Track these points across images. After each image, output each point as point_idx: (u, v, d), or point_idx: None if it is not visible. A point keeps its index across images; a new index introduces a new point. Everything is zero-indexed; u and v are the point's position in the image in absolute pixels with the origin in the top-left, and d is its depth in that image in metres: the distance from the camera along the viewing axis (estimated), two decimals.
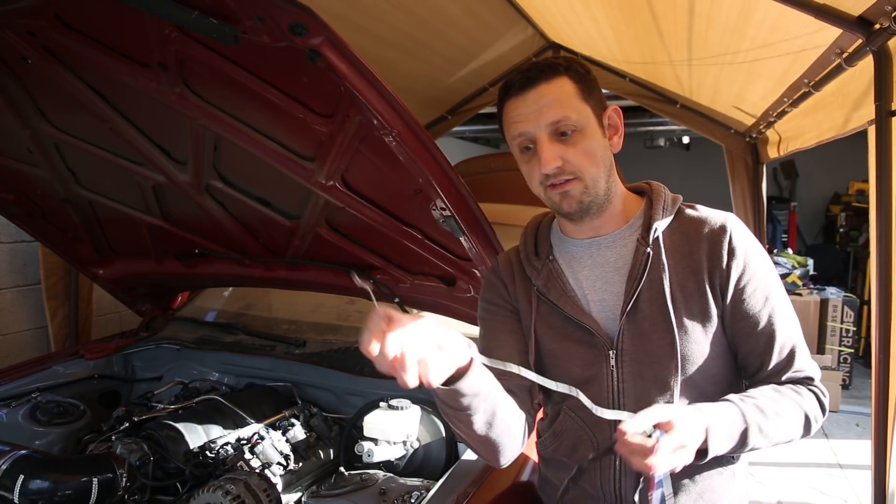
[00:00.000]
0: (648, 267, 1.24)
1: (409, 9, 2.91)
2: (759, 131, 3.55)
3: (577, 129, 1.20)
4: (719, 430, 1.11)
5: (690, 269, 1.24)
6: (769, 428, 1.16)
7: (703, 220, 1.27)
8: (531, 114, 1.20)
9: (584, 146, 1.20)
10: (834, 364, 5.37)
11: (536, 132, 1.20)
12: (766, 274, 1.25)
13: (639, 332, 1.24)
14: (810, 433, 1.25)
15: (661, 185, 1.35)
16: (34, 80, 1.73)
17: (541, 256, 1.36)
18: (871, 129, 1.72)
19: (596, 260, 1.31)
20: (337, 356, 2.23)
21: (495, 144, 9.66)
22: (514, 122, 1.22)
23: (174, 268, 2.44)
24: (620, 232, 1.30)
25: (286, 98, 1.51)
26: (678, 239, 1.27)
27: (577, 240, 1.33)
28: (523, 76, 1.21)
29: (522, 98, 1.21)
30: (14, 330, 3.20)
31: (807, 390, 1.24)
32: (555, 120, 1.19)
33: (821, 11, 1.68)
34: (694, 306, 1.23)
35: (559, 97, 1.19)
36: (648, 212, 1.29)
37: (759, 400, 1.18)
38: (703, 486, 1.26)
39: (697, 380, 1.23)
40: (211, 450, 1.83)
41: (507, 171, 3.84)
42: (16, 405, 2.05)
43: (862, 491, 3.76)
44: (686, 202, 1.33)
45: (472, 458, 1.62)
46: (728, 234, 1.24)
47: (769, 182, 8.73)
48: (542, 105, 1.19)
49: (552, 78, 1.20)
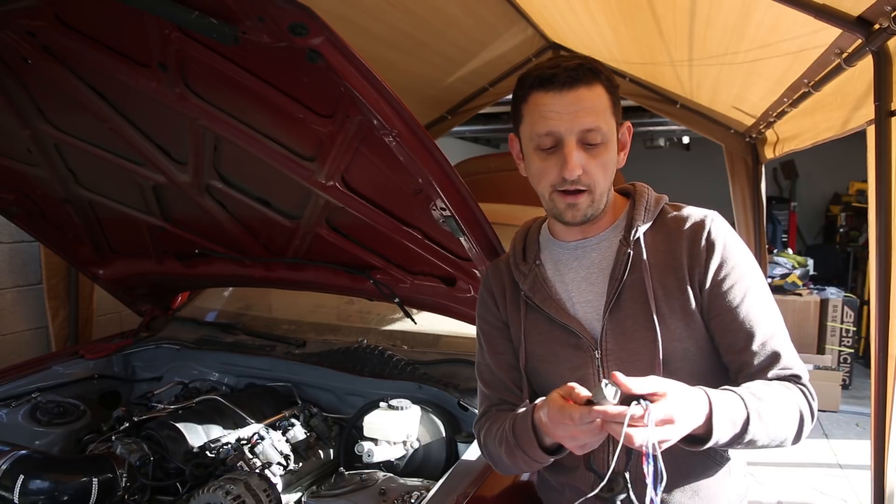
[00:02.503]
0: (630, 266, 1.25)
1: (409, 9, 2.91)
2: (759, 131, 3.55)
3: (603, 141, 1.19)
4: (723, 413, 1.07)
5: (671, 267, 1.25)
6: (768, 417, 1.13)
7: (684, 218, 1.28)
8: (566, 115, 1.17)
9: (603, 159, 1.20)
10: (834, 364, 5.36)
11: (567, 135, 1.17)
12: (746, 269, 1.24)
13: (622, 330, 1.25)
14: (801, 435, 1.21)
15: (644, 186, 1.35)
16: (34, 80, 1.74)
17: (528, 261, 1.37)
18: (870, 129, 1.72)
19: (581, 262, 1.32)
20: (337, 356, 2.23)
21: (495, 144, 9.65)
22: (545, 117, 1.18)
23: (174, 268, 2.44)
24: (605, 234, 1.31)
25: (286, 98, 1.51)
26: (660, 238, 1.28)
27: (565, 242, 1.34)
28: (565, 73, 1.17)
29: (560, 95, 1.17)
30: (14, 330, 3.20)
31: (795, 387, 1.22)
32: (588, 128, 1.17)
33: (820, 11, 1.68)
34: (675, 303, 1.23)
35: (596, 106, 1.18)
36: (631, 212, 1.30)
37: (753, 389, 1.16)
38: (698, 482, 1.26)
39: (682, 377, 1.21)
40: (211, 450, 1.83)
41: (507, 171, 3.85)
42: (16, 405, 2.05)
43: (862, 491, 3.75)
44: (671, 202, 1.34)
45: (472, 459, 1.62)
46: (707, 230, 1.24)
47: (769, 182, 8.74)
48: (580, 109, 1.17)
49: (593, 84, 1.18)
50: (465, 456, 1.67)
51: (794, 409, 1.19)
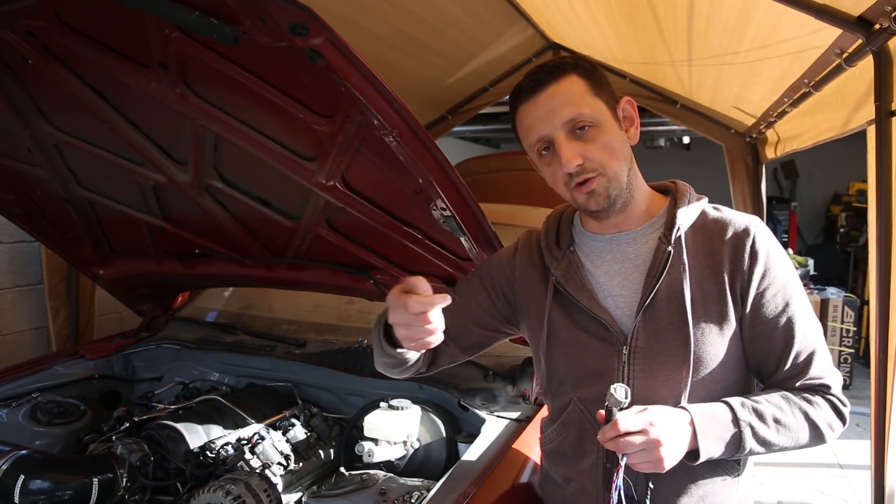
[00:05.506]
0: (668, 265, 1.23)
1: (410, 9, 2.92)
2: (760, 131, 3.55)
3: (593, 124, 1.19)
4: (707, 430, 1.11)
5: (712, 271, 1.23)
6: (766, 433, 1.15)
7: (727, 222, 1.27)
8: (545, 115, 1.19)
9: (602, 141, 1.20)
10: (834, 364, 5.36)
11: (553, 133, 1.19)
12: (788, 279, 1.24)
13: (654, 330, 1.23)
14: (825, 441, 1.22)
15: (686, 185, 1.34)
16: (34, 80, 1.73)
17: (561, 247, 1.36)
18: (870, 129, 1.72)
19: (616, 256, 1.30)
20: (337, 356, 2.23)
21: (495, 144, 9.66)
22: (530, 127, 1.22)
23: (174, 268, 2.44)
24: (643, 229, 1.30)
25: (286, 98, 1.51)
26: (701, 240, 1.26)
27: (599, 235, 1.33)
28: (532, 80, 1.20)
29: (534, 102, 1.20)
30: (14, 330, 3.20)
31: (821, 398, 1.22)
32: (569, 118, 1.18)
33: (821, 12, 1.68)
34: (713, 308, 1.22)
35: (570, 95, 1.19)
36: (672, 210, 1.28)
37: (761, 405, 1.17)
38: (705, 490, 1.26)
39: (708, 382, 1.22)
40: (211, 450, 1.83)
41: (507, 171, 3.86)
42: (16, 405, 2.05)
43: (862, 491, 3.75)
44: (711, 203, 1.33)
45: (472, 459, 1.62)
46: (752, 237, 1.23)
47: (769, 182, 8.73)
48: (555, 105, 1.18)
49: (561, 77, 1.19)
50: (465, 456, 1.67)
51: (805, 422, 1.19)
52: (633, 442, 1.07)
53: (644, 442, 1.06)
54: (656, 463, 1.08)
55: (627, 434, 1.06)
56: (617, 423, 1.07)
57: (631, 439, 1.06)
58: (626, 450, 1.07)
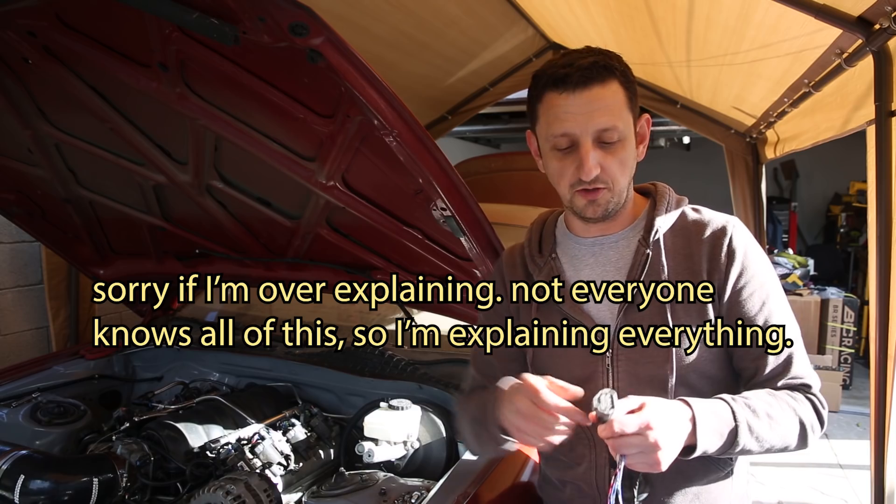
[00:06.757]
0: (647, 267, 1.24)
1: (410, 9, 2.92)
2: (760, 131, 3.55)
3: (620, 139, 1.17)
4: (706, 424, 1.10)
5: (690, 271, 1.24)
6: (760, 428, 1.15)
7: (705, 223, 1.27)
8: (581, 115, 1.15)
9: (621, 156, 1.19)
10: (834, 364, 5.37)
11: (582, 136, 1.16)
12: (766, 278, 1.24)
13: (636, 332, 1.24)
14: (807, 443, 1.22)
15: (666, 186, 1.35)
16: (35, 80, 1.74)
17: (543, 254, 1.36)
18: (870, 129, 1.72)
19: (598, 259, 1.31)
20: (337, 356, 2.23)
21: (495, 144, 9.66)
22: (559, 119, 1.17)
23: (174, 268, 2.44)
24: (624, 232, 1.30)
25: (287, 98, 1.51)
26: (679, 241, 1.27)
27: (582, 238, 1.33)
28: (580, 73, 1.14)
29: (574, 95, 1.15)
30: (14, 330, 3.20)
31: (803, 397, 1.22)
32: (604, 128, 1.15)
33: (821, 12, 1.68)
34: (692, 307, 1.23)
35: (611, 104, 1.16)
36: (651, 213, 1.29)
37: (751, 401, 1.17)
38: (700, 487, 1.26)
39: (693, 381, 1.23)
40: (211, 450, 1.83)
41: (507, 171, 3.86)
42: (16, 405, 2.05)
43: (862, 491, 3.75)
44: (691, 204, 1.33)
45: (472, 459, 1.62)
46: (728, 237, 1.23)
47: (769, 182, 8.73)
48: (595, 109, 1.15)
49: (607, 81, 1.15)
50: (465, 456, 1.67)
51: (794, 419, 1.19)
52: (630, 443, 1.06)
53: (641, 444, 1.05)
54: (653, 465, 1.07)
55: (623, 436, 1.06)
56: (612, 425, 1.06)
57: (628, 440, 1.05)
58: (623, 450, 1.06)
